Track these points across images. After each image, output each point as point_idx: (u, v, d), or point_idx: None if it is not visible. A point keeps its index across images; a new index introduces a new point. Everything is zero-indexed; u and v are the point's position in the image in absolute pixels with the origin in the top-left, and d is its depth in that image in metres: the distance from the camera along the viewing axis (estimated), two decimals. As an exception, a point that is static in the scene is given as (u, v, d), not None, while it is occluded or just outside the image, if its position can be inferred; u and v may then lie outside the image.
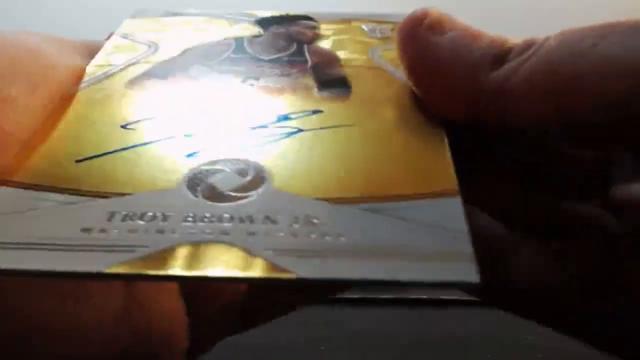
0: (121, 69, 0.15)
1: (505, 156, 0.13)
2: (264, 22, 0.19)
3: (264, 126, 0.13)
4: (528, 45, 0.11)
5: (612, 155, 0.13)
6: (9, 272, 0.09)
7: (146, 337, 0.13)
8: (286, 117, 0.13)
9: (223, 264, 0.09)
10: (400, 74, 0.15)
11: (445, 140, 0.12)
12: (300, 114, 0.13)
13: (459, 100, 0.12)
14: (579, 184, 0.13)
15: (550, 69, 0.11)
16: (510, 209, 0.13)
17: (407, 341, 0.19)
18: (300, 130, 0.13)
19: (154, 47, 0.17)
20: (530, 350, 0.21)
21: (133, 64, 0.16)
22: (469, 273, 0.09)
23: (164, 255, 0.09)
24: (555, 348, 0.21)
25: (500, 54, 0.12)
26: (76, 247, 0.09)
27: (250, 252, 0.09)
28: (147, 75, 0.15)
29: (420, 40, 0.13)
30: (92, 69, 0.15)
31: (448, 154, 0.12)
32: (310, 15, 0.19)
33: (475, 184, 0.11)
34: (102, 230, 0.10)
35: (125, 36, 0.17)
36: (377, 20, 0.19)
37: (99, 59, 0.16)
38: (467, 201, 0.10)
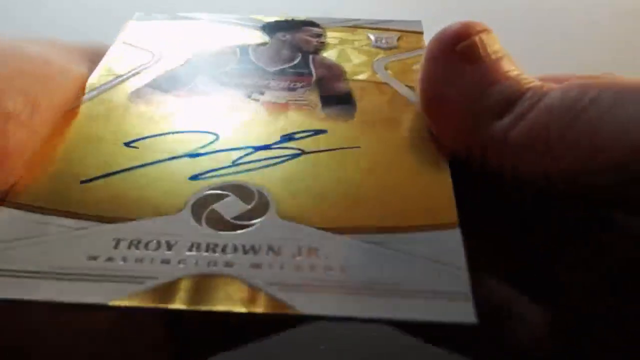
0: (124, 80, 0.15)
1: (500, 200, 0.13)
2: (268, 28, 0.19)
3: (268, 146, 0.13)
4: (535, 93, 0.11)
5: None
6: (15, 302, 0.09)
7: (136, 354, 0.13)
8: (290, 137, 0.13)
9: (227, 299, 0.09)
10: (405, 90, 0.15)
11: (448, 169, 0.12)
12: (304, 134, 0.13)
13: (462, 139, 0.12)
14: (575, 233, 0.13)
15: (545, 128, 0.11)
16: (505, 259, 0.13)
17: (408, 341, 0.19)
18: (303, 153, 0.13)
19: (157, 55, 0.17)
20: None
21: (136, 74, 0.16)
22: (466, 313, 0.09)
23: (169, 288, 0.09)
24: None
25: (512, 100, 0.12)
26: (83, 276, 0.10)
27: (253, 287, 0.10)
28: (150, 87, 0.15)
29: (446, 64, 0.13)
30: (95, 79, 0.15)
31: (449, 184, 0.12)
32: (316, 20, 0.19)
33: (471, 224, 0.11)
34: (109, 259, 0.10)
35: (127, 42, 0.17)
36: (383, 27, 0.19)
37: (101, 68, 0.16)
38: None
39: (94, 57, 0.16)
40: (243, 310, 0.09)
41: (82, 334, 0.13)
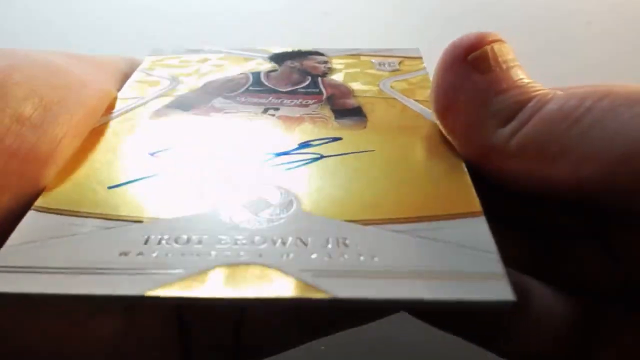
0: (146, 102, 0.16)
1: (506, 201, 0.13)
2: (277, 58, 0.20)
3: (286, 153, 0.13)
4: (538, 101, 0.12)
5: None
6: (53, 297, 0.09)
7: None
8: (307, 144, 0.14)
9: (260, 285, 0.09)
10: (413, 104, 0.16)
11: (464, 165, 0.12)
12: (321, 141, 0.14)
13: (469, 146, 0.13)
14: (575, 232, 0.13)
15: (542, 136, 0.11)
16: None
17: (409, 341, 0.18)
18: (322, 157, 0.13)
19: (175, 81, 0.17)
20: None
21: (157, 97, 0.16)
22: (505, 292, 0.09)
23: (202, 278, 0.09)
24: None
25: (516, 109, 0.12)
26: (116, 270, 0.10)
27: (285, 273, 0.10)
28: (170, 106, 0.16)
29: (457, 73, 0.13)
30: (118, 102, 0.16)
31: (467, 177, 0.12)
32: (320, 50, 0.20)
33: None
34: (140, 254, 0.10)
35: (147, 72, 0.18)
36: (385, 55, 0.20)
37: (124, 92, 0.16)
38: None
39: (117, 74, 0.17)
40: (278, 296, 0.09)
41: (89, 343, 0.12)
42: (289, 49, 0.20)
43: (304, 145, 0.14)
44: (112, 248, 0.10)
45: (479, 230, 0.10)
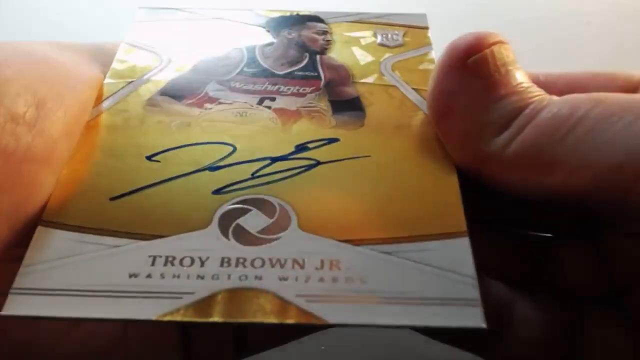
0: (136, 86, 0.16)
1: (500, 205, 0.14)
2: (273, 25, 0.19)
3: (284, 157, 0.14)
4: (534, 109, 0.12)
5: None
6: (64, 319, 0.10)
7: None
8: (304, 148, 0.14)
9: (260, 311, 0.10)
10: (413, 94, 0.16)
11: (456, 177, 0.13)
12: (318, 143, 0.14)
13: (465, 153, 0.13)
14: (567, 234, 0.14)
15: (535, 145, 0.11)
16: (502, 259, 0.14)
17: (408, 341, 0.20)
18: (318, 163, 0.13)
19: (164, 58, 0.17)
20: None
21: (147, 79, 0.16)
22: (476, 319, 0.10)
23: (207, 303, 0.10)
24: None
25: (512, 116, 0.12)
26: (127, 294, 0.10)
27: (283, 299, 0.10)
28: (162, 94, 0.15)
29: (456, 78, 0.13)
30: (108, 86, 0.15)
31: (458, 193, 0.13)
32: (320, 15, 0.19)
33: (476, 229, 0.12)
34: (148, 276, 0.11)
35: (133, 44, 0.17)
36: (387, 22, 0.19)
37: (112, 72, 0.16)
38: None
39: (102, 57, 0.16)
40: (276, 321, 0.10)
41: (90, 340, 0.13)
42: (286, 14, 0.19)
43: (301, 148, 0.14)
44: (121, 269, 0.11)
45: (461, 253, 0.11)
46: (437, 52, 0.16)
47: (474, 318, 0.10)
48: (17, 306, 0.10)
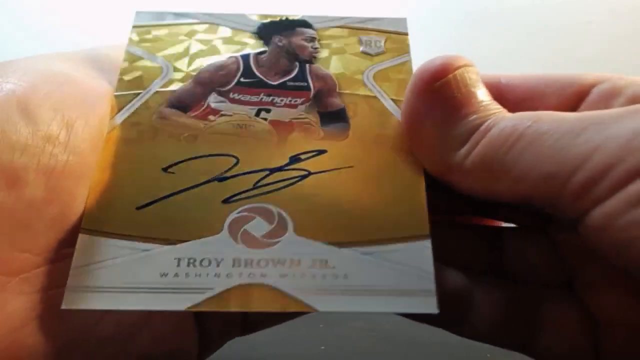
0: (145, 99, 0.17)
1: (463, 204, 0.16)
2: (264, 31, 0.20)
3: (281, 168, 0.16)
4: (488, 126, 0.14)
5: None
6: (116, 311, 0.13)
7: (164, 343, 0.15)
8: (297, 159, 0.16)
9: (266, 302, 0.13)
10: (391, 105, 0.18)
11: (424, 185, 0.16)
12: (309, 155, 0.17)
13: (434, 165, 0.15)
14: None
15: (485, 158, 0.14)
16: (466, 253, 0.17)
17: (408, 341, 0.20)
18: (310, 174, 0.16)
19: (167, 67, 0.18)
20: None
21: (153, 92, 0.18)
22: (432, 306, 0.13)
23: (224, 296, 0.13)
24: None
25: (471, 132, 0.14)
26: (160, 289, 0.13)
27: (283, 292, 0.13)
28: (170, 106, 0.17)
29: (423, 100, 0.15)
30: (119, 99, 0.17)
31: (424, 200, 0.15)
32: (308, 20, 0.21)
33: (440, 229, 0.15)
34: (175, 275, 0.14)
35: (136, 53, 0.19)
36: (370, 28, 0.21)
37: (119, 85, 0.17)
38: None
39: (99, 64, 0.18)
40: (279, 310, 0.13)
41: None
42: (276, 19, 0.21)
43: (294, 159, 0.16)
44: (153, 270, 0.14)
45: (423, 254, 0.14)
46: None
47: (430, 305, 0.13)
48: (75, 301, 0.13)
